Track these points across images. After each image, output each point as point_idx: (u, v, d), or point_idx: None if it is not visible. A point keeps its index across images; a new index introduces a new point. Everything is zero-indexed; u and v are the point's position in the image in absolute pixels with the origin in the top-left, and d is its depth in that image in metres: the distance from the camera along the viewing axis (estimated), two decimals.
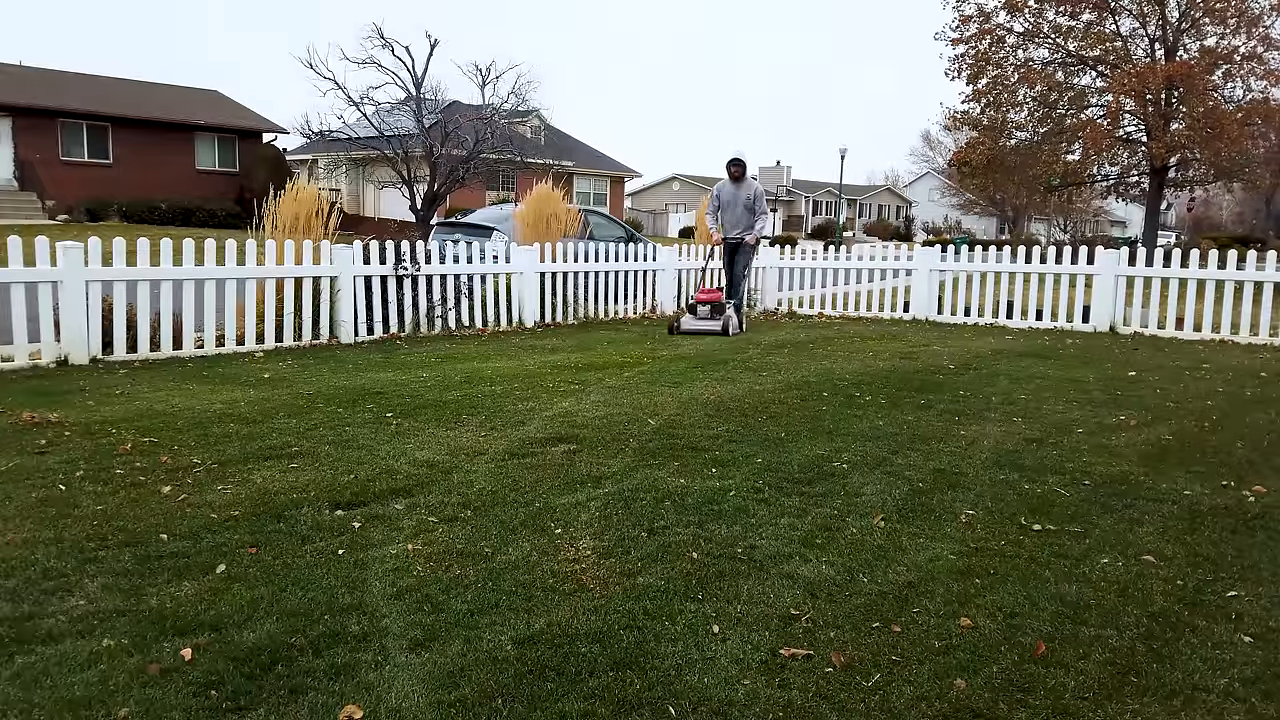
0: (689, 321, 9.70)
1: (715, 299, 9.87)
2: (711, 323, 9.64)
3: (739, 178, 10.53)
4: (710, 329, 9.57)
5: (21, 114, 25.95)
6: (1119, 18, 24.27)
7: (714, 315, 9.73)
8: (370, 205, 34.86)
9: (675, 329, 9.60)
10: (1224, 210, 64.19)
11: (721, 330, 9.53)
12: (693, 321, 9.70)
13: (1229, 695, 2.35)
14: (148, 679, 2.29)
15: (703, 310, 9.81)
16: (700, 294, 10.02)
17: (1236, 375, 7.41)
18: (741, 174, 10.52)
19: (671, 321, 9.84)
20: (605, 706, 2.22)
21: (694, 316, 9.80)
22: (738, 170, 10.50)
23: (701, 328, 9.58)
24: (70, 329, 6.78)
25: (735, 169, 10.49)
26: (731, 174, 10.54)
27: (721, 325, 9.58)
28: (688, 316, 9.85)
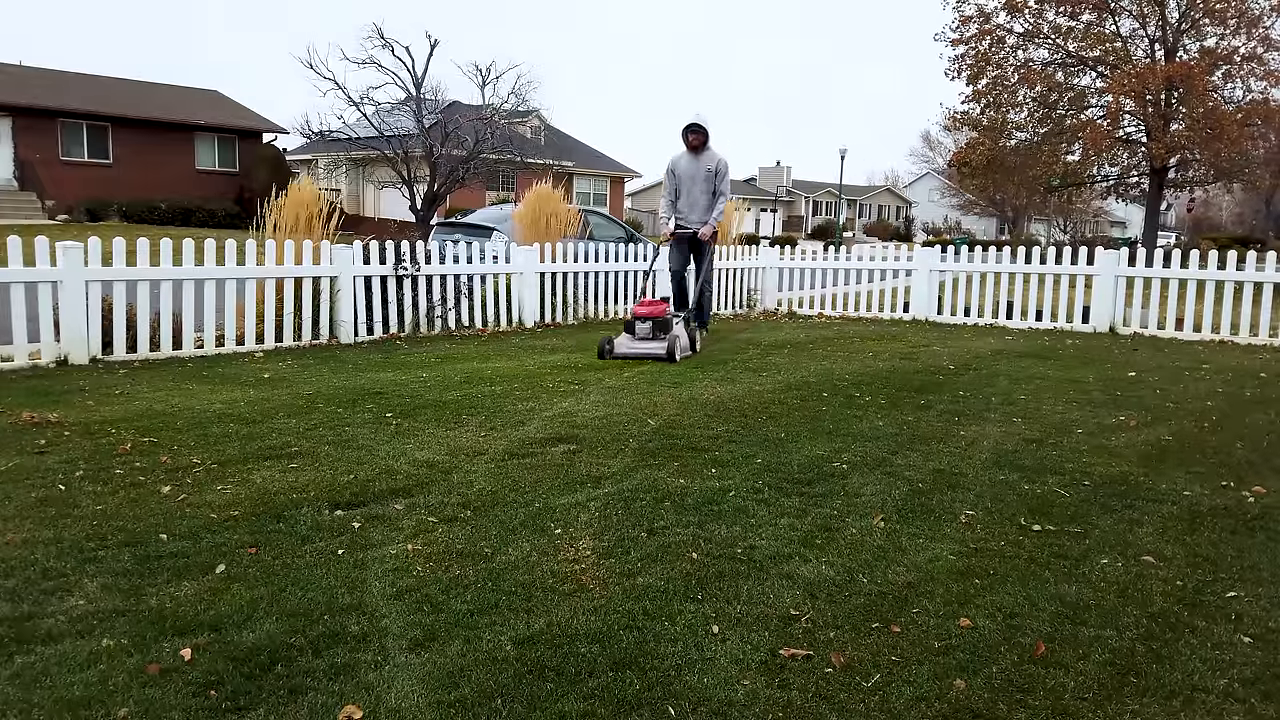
0: (625, 343, 7.73)
1: (658, 313, 7.82)
2: (653, 344, 7.61)
3: (699, 147, 8.65)
4: (651, 352, 7.56)
5: (21, 114, 25.97)
6: (1119, 18, 24.29)
7: (657, 334, 7.71)
8: (370, 205, 34.87)
9: (607, 352, 7.61)
10: (1224, 211, 64.19)
11: (666, 354, 7.47)
12: (629, 343, 7.70)
13: (1229, 696, 2.35)
14: (147, 679, 2.29)
15: (642, 327, 7.75)
16: (640, 305, 7.93)
17: (1236, 376, 7.41)
18: (702, 143, 8.64)
19: (602, 342, 7.69)
20: (605, 707, 2.22)
21: (631, 336, 7.79)
22: (697, 138, 8.61)
23: (640, 350, 7.61)
24: (70, 329, 6.77)
25: (695, 136, 8.59)
26: (690, 142, 8.65)
27: (666, 347, 7.50)
28: (624, 337, 7.82)
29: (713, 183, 8.64)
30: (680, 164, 8.77)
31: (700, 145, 8.61)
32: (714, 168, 8.61)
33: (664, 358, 7.49)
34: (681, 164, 8.75)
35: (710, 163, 8.62)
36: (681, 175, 8.75)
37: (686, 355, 7.95)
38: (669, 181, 8.83)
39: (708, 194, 8.70)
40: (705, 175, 8.64)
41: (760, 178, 64.71)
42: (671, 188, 8.83)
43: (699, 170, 8.65)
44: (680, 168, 8.76)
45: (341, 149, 30.09)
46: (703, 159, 8.64)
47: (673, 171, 8.83)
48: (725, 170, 8.69)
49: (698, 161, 8.63)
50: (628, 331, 7.85)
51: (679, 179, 8.79)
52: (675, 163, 8.80)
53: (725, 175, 8.70)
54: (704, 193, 8.72)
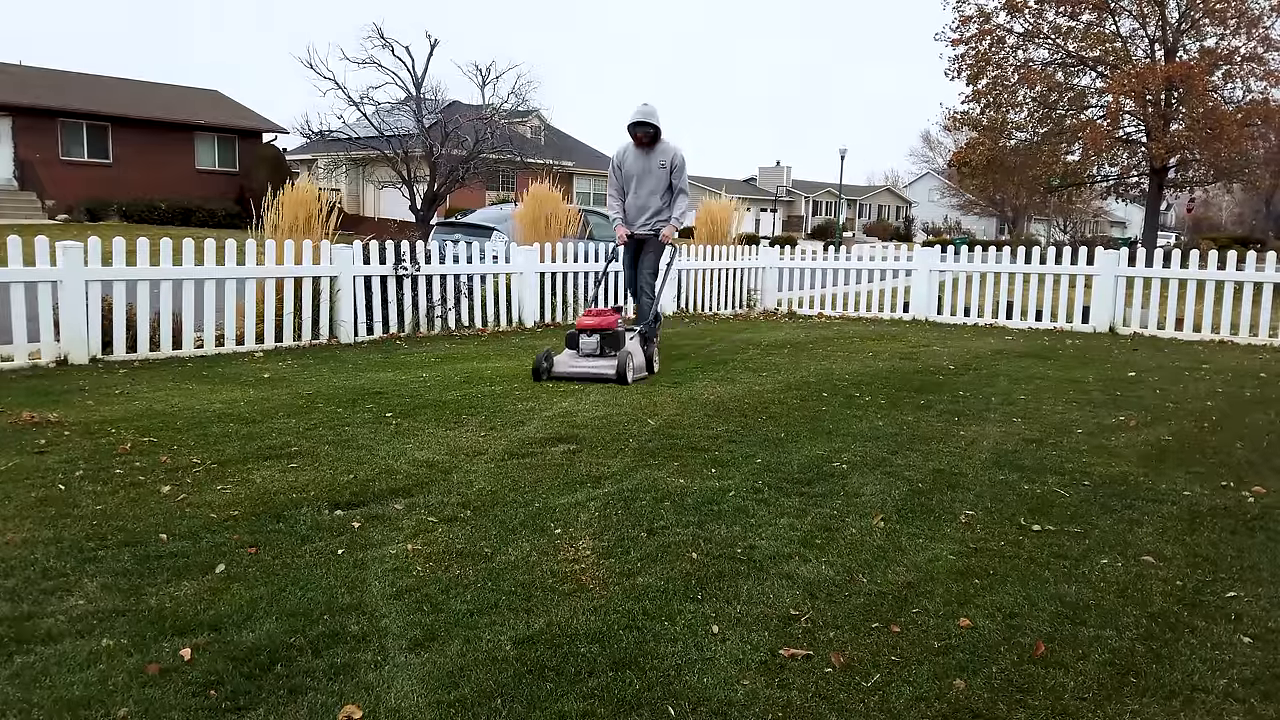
0: (566, 361, 6.62)
1: (608, 325, 6.69)
2: (600, 363, 6.53)
3: (649, 144, 7.42)
4: (598, 373, 6.44)
5: (21, 114, 25.96)
6: (1119, 18, 24.28)
7: (605, 350, 6.64)
8: (370, 205, 34.87)
9: (544, 372, 6.47)
10: (1223, 211, 64.21)
11: (615, 375, 6.35)
12: (571, 361, 6.62)
13: (1228, 696, 2.35)
14: (147, 679, 2.29)
15: (588, 343, 6.67)
16: (587, 315, 6.82)
17: (1236, 376, 7.41)
18: (652, 139, 7.39)
19: (539, 359, 6.51)
20: (605, 706, 2.22)
21: (575, 353, 6.71)
22: (645, 135, 7.34)
23: (584, 370, 6.51)
24: (70, 328, 6.77)
25: (643, 132, 7.32)
26: (639, 139, 7.40)
27: (615, 368, 6.37)
28: (566, 354, 6.72)
29: (667, 180, 7.44)
30: (627, 159, 7.51)
31: (650, 142, 7.40)
32: (668, 162, 7.39)
33: (612, 379, 6.34)
34: (628, 160, 7.50)
35: (664, 157, 7.39)
36: (629, 173, 7.51)
37: (641, 377, 6.64)
38: (614, 180, 7.63)
39: (660, 194, 7.47)
40: (658, 172, 7.41)
41: (760, 178, 64.71)
42: (618, 187, 7.63)
43: (650, 166, 7.41)
44: (628, 164, 7.50)
45: (341, 149, 30.09)
46: (654, 154, 7.41)
47: (619, 168, 7.59)
48: (682, 164, 7.48)
49: (649, 157, 7.40)
50: (570, 346, 6.73)
51: (625, 177, 7.55)
52: (621, 158, 7.58)
53: (683, 170, 7.50)
54: (655, 193, 7.48)
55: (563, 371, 6.55)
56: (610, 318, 6.75)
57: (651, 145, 7.41)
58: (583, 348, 6.68)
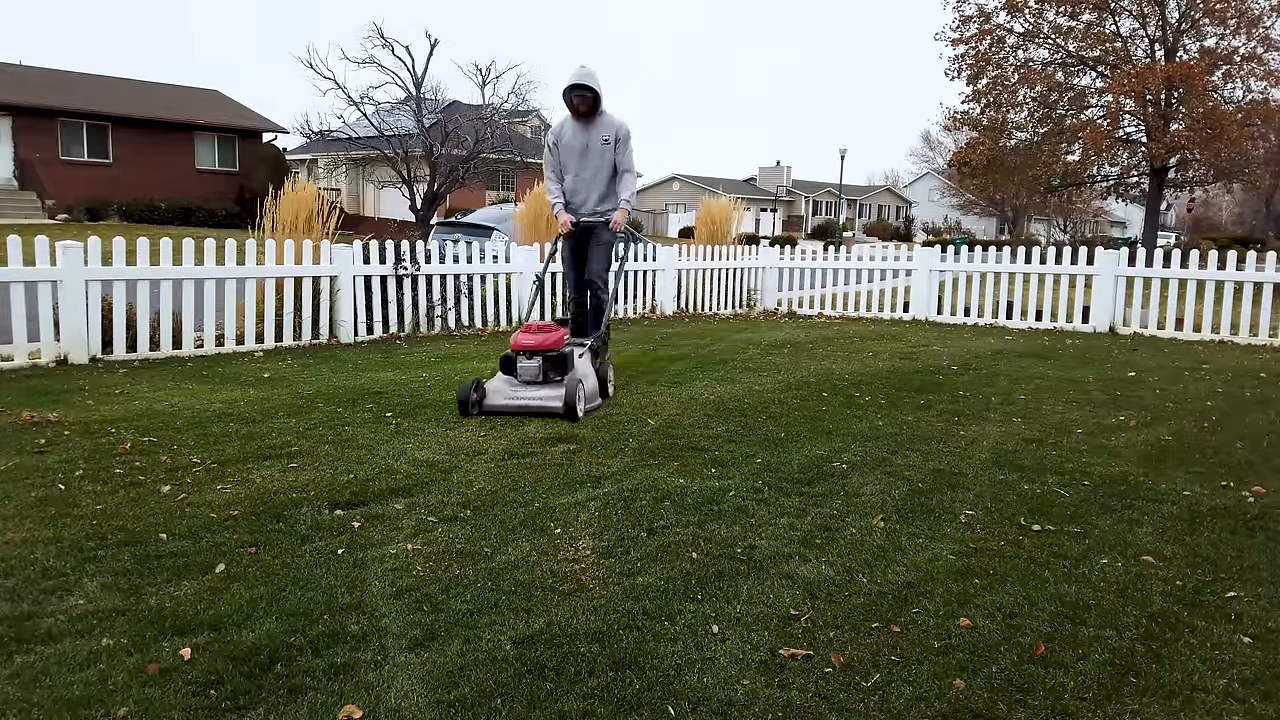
0: (502, 390, 5.42)
1: (551, 344, 5.50)
2: (543, 392, 5.34)
3: (589, 113, 6.35)
4: (541, 406, 5.28)
5: (21, 113, 25.96)
6: (1119, 18, 24.28)
7: (549, 374, 5.45)
8: (370, 205, 34.87)
9: (474, 405, 5.28)
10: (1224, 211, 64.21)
11: (563, 408, 5.19)
12: (509, 391, 5.41)
13: (1228, 696, 2.35)
14: (147, 678, 2.29)
15: (527, 366, 5.47)
16: (523, 334, 5.56)
17: (1236, 376, 7.41)
18: (591, 108, 6.32)
19: (465, 390, 5.31)
20: (604, 706, 2.22)
21: (511, 379, 5.53)
22: (585, 102, 6.28)
23: (524, 402, 5.32)
24: (70, 328, 6.77)
25: (582, 99, 6.26)
26: (575, 107, 6.33)
27: (563, 398, 5.21)
28: (500, 380, 5.55)
29: (610, 156, 6.41)
30: (565, 136, 6.48)
31: (590, 111, 6.36)
32: (612, 136, 6.38)
33: (558, 413, 5.21)
34: (566, 136, 6.47)
35: (606, 131, 6.38)
36: (567, 149, 6.48)
37: (595, 406, 5.53)
38: (551, 159, 6.59)
39: (605, 172, 6.44)
40: (600, 148, 6.39)
41: (760, 178, 64.72)
42: (555, 167, 6.58)
43: (591, 141, 6.39)
44: (565, 141, 6.48)
45: (341, 149, 30.10)
46: (595, 127, 6.39)
47: (555, 145, 6.55)
48: (626, 137, 6.44)
49: (588, 131, 6.39)
50: (505, 371, 5.53)
51: (564, 156, 6.51)
52: (558, 134, 6.55)
53: (627, 144, 6.44)
54: (600, 174, 6.44)
55: (497, 405, 5.30)
56: (554, 334, 5.56)
57: (592, 116, 6.36)
58: (521, 373, 5.46)
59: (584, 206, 6.53)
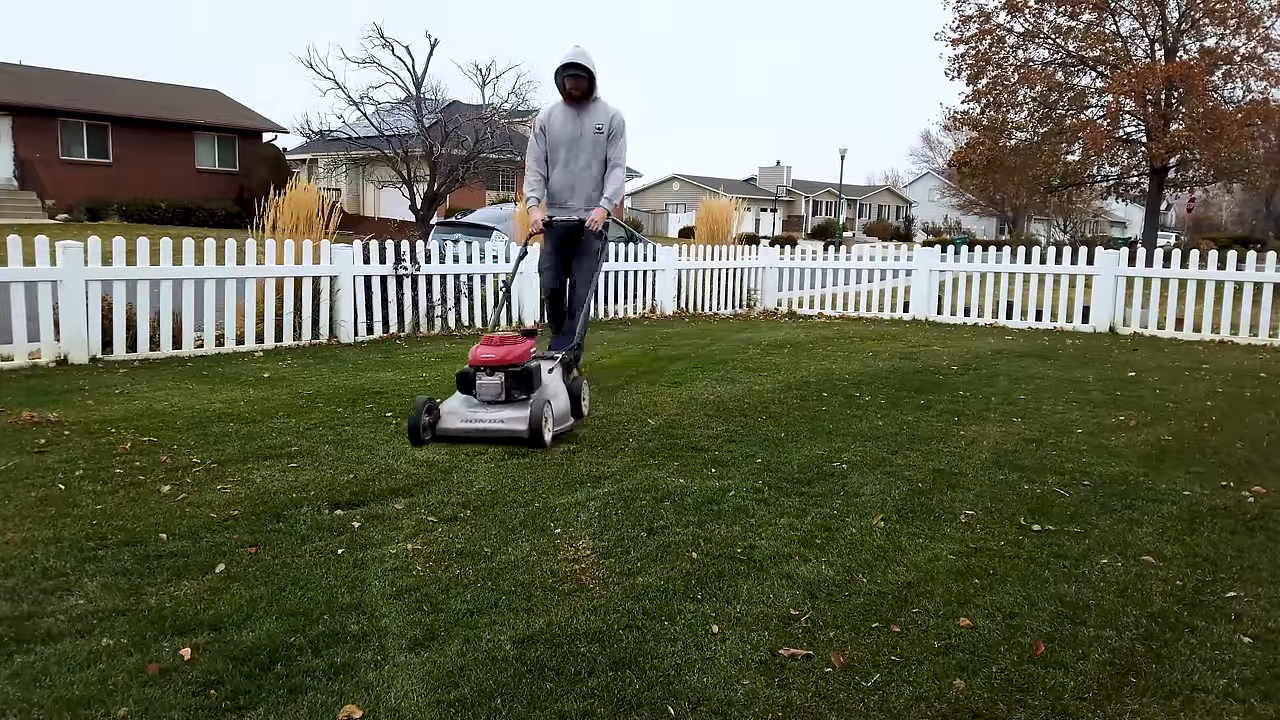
0: (459, 412, 4.74)
1: (515, 358, 4.79)
2: (505, 414, 4.65)
3: (582, 98, 5.83)
4: (503, 430, 4.61)
5: (21, 113, 25.96)
6: (1119, 18, 24.29)
7: (511, 393, 4.76)
8: (370, 205, 34.86)
9: (425, 429, 4.62)
10: (1224, 211, 64.23)
11: (527, 434, 4.54)
12: (466, 413, 4.73)
13: (1228, 696, 2.35)
14: (147, 678, 2.29)
15: (488, 384, 4.77)
16: (483, 347, 4.82)
17: (1236, 376, 7.41)
18: (586, 92, 5.80)
19: (414, 417, 4.61)
20: (604, 706, 2.22)
21: (469, 399, 4.84)
22: (579, 85, 5.76)
23: (484, 427, 4.65)
24: (70, 328, 6.77)
25: (575, 82, 5.75)
26: (568, 91, 5.82)
27: (527, 421, 4.55)
28: (457, 400, 4.85)
29: (604, 148, 5.89)
30: (555, 122, 5.95)
31: (584, 95, 5.81)
32: (606, 125, 5.86)
33: (522, 439, 4.55)
34: (556, 122, 5.94)
35: (600, 119, 5.87)
36: (557, 139, 5.93)
37: (566, 428, 4.92)
38: (537, 147, 6.01)
39: (599, 164, 5.91)
40: (593, 138, 5.86)
41: (760, 178, 64.72)
42: (540, 156, 6.01)
43: (583, 130, 5.86)
44: (555, 128, 5.94)
45: (341, 149, 30.09)
46: (588, 114, 5.86)
47: (542, 132, 5.99)
48: (620, 129, 5.92)
49: (580, 118, 5.86)
50: (463, 389, 4.84)
51: (552, 144, 5.96)
52: (548, 121, 5.99)
53: (621, 135, 5.92)
54: (593, 163, 5.91)
55: (453, 429, 4.66)
56: (518, 347, 4.83)
57: (585, 101, 5.84)
58: (481, 391, 4.77)
59: (573, 201, 5.97)
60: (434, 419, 4.70)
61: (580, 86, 5.77)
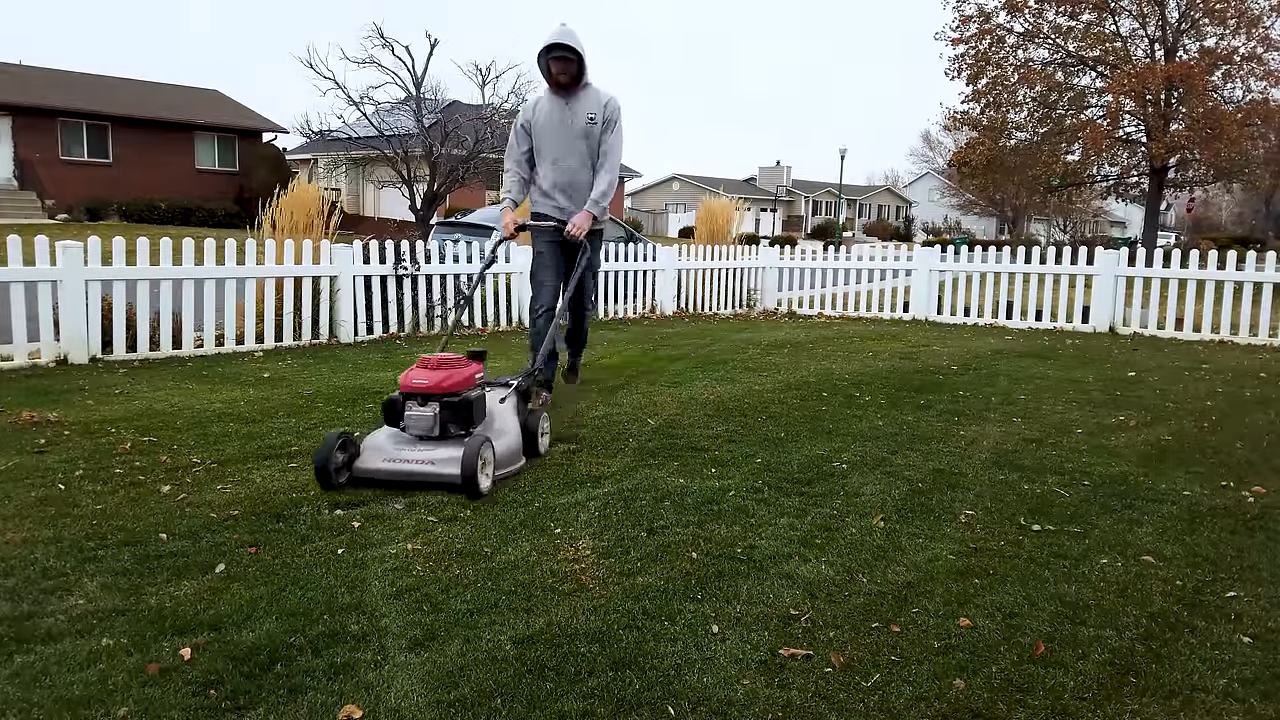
0: (383, 449, 3.92)
1: (453, 385, 3.99)
2: (436, 454, 3.85)
3: (571, 85, 5.20)
4: (431, 475, 3.82)
5: (21, 113, 25.97)
6: (1119, 18, 24.31)
7: (447, 429, 3.96)
8: (370, 205, 34.87)
9: (338, 468, 3.82)
10: (1223, 211, 64.24)
11: (461, 480, 3.70)
12: (391, 450, 3.91)
13: (1228, 695, 2.35)
14: (147, 678, 2.29)
15: (418, 416, 3.98)
16: (417, 370, 4.05)
17: (1236, 376, 7.41)
18: (574, 78, 5.17)
19: (324, 452, 3.78)
20: (604, 706, 2.22)
21: (399, 434, 4.03)
22: (567, 71, 5.12)
23: (409, 470, 3.85)
24: (69, 328, 6.77)
25: (562, 65, 5.10)
26: (555, 77, 5.17)
27: (461, 464, 3.70)
28: (383, 434, 4.03)
29: (598, 141, 5.26)
30: (541, 116, 5.31)
31: (573, 82, 5.18)
32: (599, 114, 5.22)
33: (453, 484, 3.74)
34: (543, 116, 5.30)
35: (592, 107, 5.22)
36: (544, 134, 5.31)
37: (511, 472, 4.05)
38: (517, 147, 5.39)
39: (590, 159, 5.30)
40: (585, 129, 5.23)
41: (760, 178, 64.73)
42: (521, 158, 5.39)
43: (574, 122, 5.23)
44: (541, 122, 5.31)
45: (341, 149, 30.08)
46: (578, 103, 5.23)
47: (524, 129, 5.38)
48: (616, 117, 5.28)
49: (570, 108, 5.22)
50: (390, 421, 4.04)
51: (540, 141, 5.33)
52: (532, 116, 5.36)
53: (615, 125, 5.27)
54: (588, 158, 5.29)
55: (372, 469, 3.84)
56: (459, 372, 4.03)
57: (574, 88, 5.20)
58: (410, 424, 3.96)
59: (560, 200, 5.34)
60: (351, 455, 3.88)
61: (569, 71, 5.10)
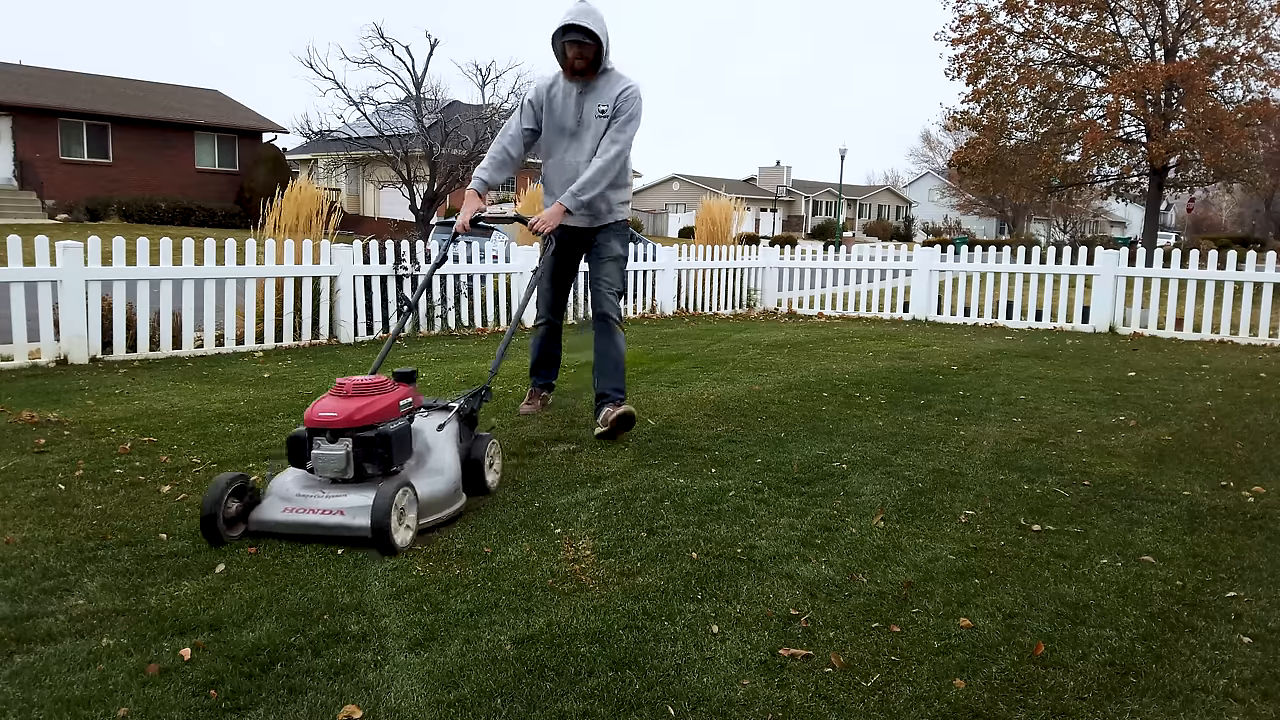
0: (285, 492, 3.24)
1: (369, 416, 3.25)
2: (348, 500, 3.16)
3: (586, 70, 4.54)
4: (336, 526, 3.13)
5: (21, 113, 25.98)
6: (1119, 18, 24.32)
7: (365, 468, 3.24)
8: (370, 205, 34.88)
9: (229, 520, 3.15)
10: (1223, 211, 64.24)
11: (371, 532, 3.03)
12: (296, 492, 3.23)
13: (1228, 696, 2.35)
14: (147, 679, 2.29)
15: (327, 457, 3.21)
16: (324, 402, 3.28)
17: (1236, 376, 7.41)
18: (590, 63, 4.51)
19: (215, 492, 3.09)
20: (604, 706, 2.22)
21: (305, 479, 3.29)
22: (582, 55, 4.47)
23: (313, 520, 3.15)
24: (70, 328, 6.77)
25: (579, 49, 4.45)
26: (570, 62, 4.52)
27: (373, 515, 3.01)
28: (288, 476, 3.32)
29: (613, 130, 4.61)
30: (554, 98, 4.68)
31: (588, 66, 4.52)
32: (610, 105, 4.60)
33: (363, 538, 3.11)
34: (557, 100, 4.68)
35: (605, 99, 4.59)
36: (553, 123, 4.72)
37: (444, 517, 3.40)
38: (517, 121, 4.74)
39: None
40: (595, 124, 4.63)
41: (760, 178, 64.73)
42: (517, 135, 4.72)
43: (584, 115, 4.64)
44: (555, 109, 4.69)
45: (341, 149, 30.09)
46: (593, 94, 4.61)
47: (532, 106, 4.73)
48: (629, 105, 4.59)
49: (584, 100, 4.62)
50: (295, 462, 3.32)
51: (549, 129, 4.74)
52: (546, 95, 4.70)
53: (624, 117, 4.59)
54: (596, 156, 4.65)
55: (269, 521, 3.20)
56: (379, 400, 3.32)
57: (591, 76, 4.57)
58: (319, 465, 3.24)
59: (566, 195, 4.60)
60: (246, 503, 3.22)
61: (585, 56, 4.44)
